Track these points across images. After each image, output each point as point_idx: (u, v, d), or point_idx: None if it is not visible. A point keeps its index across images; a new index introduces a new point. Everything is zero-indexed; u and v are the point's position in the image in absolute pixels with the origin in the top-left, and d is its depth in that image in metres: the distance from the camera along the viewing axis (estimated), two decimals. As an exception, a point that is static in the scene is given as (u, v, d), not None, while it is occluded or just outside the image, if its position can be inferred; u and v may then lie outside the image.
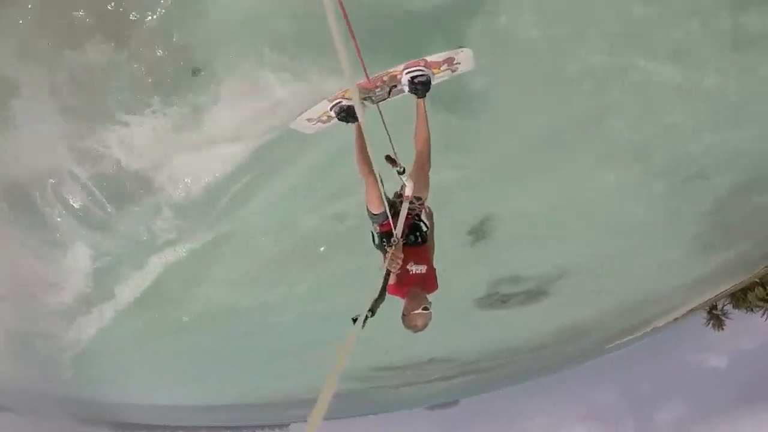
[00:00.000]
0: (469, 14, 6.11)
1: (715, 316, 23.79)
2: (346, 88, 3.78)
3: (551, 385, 33.21)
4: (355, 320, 2.54)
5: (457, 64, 4.12)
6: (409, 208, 3.43)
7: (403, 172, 3.33)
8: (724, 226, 11.91)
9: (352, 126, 3.85)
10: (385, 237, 3.50)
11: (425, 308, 3.06)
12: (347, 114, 3.88)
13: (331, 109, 4.00)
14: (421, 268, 3.35)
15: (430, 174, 3.66)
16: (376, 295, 2.71)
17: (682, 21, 6.38)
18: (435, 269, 3.47)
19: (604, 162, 8.93)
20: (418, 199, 3.58)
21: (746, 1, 6.22)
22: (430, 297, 3.26)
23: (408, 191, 3.37)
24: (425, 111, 3.75)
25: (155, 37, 5.94)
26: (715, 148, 8.71)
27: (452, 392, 30.11)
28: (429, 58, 3.77)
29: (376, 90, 3.92)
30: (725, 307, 22.78)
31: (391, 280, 3.10)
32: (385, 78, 3.83)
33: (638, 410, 38.93)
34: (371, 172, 3.42)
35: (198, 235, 9.24)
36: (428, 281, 3.40)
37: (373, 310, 2.57)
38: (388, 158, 3.71)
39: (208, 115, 6.84)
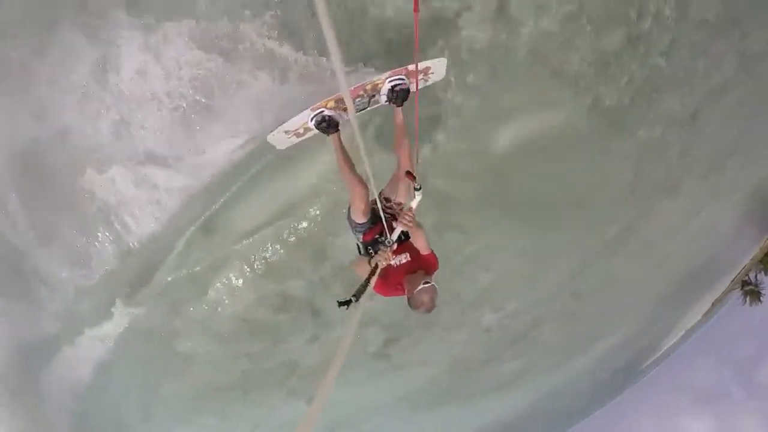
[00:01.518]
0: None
1: (749, 291, 22.20)
2: (326, 98, 3.84)
3: (647, 385, 29.61)
4: (340, 303, 2.75)
5: (431, 73, 4.32)
6: (390, 211, 3.59)
7: (420, 188, 3.27)
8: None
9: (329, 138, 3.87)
10: (370, 245, 3.50)
11: (426, 282, 3.04)
12: (328, 124, 3.85)
13: (311, 120, 3.94)
14: (404, 257, 3.39)
15: None
16: (363, 284, 2.84)
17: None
18: (431, 251, 3.37)
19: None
20: (398, 203, 3.78)
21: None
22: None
23: (415, 204, 3.33)
24: (404, 119, 3.84)
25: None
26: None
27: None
28: (410, 67, 3.94)
29: (357, 99, 3.99)
30: (758, 277, 21.35)
31: (376, 283, 3.07)
32: (368, 87, 3.92)
33: (741, 376, 35.75)
34: (359, 181, 3.39)
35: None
36: (424, 264, 3.36)
37: (357, 296, 2.74)
38: (409, 174, 3.53)
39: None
